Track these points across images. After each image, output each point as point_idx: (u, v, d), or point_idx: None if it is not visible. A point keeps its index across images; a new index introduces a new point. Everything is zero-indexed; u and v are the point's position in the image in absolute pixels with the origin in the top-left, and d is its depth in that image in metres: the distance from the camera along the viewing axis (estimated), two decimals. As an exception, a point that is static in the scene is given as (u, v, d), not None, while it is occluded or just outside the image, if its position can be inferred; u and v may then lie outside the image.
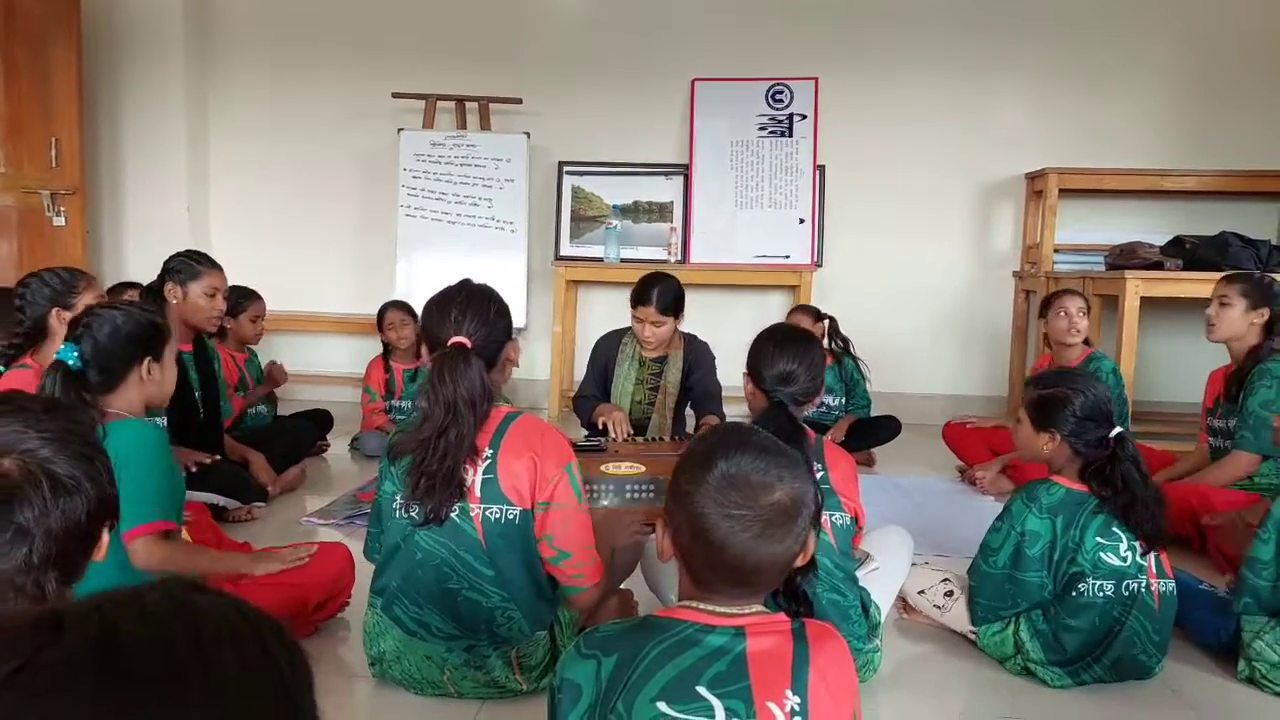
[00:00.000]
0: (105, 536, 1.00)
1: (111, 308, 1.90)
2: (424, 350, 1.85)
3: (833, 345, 3.97)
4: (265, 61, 5.15)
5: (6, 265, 4.50)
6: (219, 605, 0.52)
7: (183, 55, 4.96)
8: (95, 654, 0.46)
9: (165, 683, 0.46)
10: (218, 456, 2.90)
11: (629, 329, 3.40)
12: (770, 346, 1.88)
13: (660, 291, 3.20)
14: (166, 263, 2.95)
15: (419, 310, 3.99)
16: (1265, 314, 2.83)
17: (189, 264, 2.93)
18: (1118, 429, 1.92)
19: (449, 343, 1.71)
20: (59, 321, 2.37)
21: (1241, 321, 2.84)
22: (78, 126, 4.55)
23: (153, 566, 1.78)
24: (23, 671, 0.45)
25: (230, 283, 3.72)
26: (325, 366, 5.09)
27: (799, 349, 1.87)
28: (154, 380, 1.88)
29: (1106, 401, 1.94)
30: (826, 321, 3.95)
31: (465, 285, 1.82)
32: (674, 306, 3.22)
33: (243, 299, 3.61)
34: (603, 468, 2.79)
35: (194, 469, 2.72)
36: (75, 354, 1.77)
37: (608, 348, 3.44)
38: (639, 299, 3.22)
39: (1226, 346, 2.94)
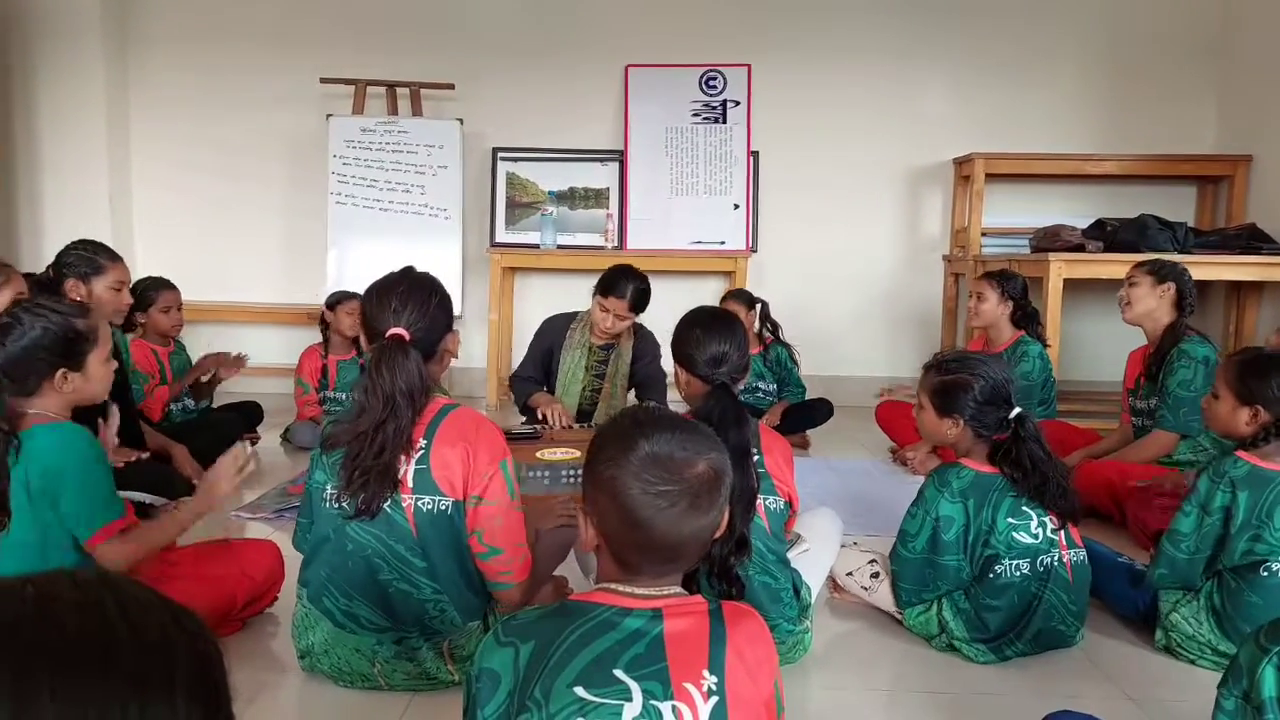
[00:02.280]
0: None
1: (32, 311, 1.80)
2: (363, 340, 1.82)
3: (762, 332, 4.00)
4: (188, 43, 4.98)
5: (-90, 257, 4.28)
6: (137, 585, 0.57)
7: (100, 35, 4.77)
8: (34, 614, 0.51)
9: (99, 640, 0.51)
10: (145, 454, 2.81)
11: (578, 314, 3.37)
12: (697, 331, 1.88)
13: (635, 290, 3.19)
14: (62, 256, 2.74)
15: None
16: (1171, 288, 2.94)
17: (90, 258, 2.73)
18: (1016, 410, 1.95)
19: (387, 335, 1.68)
20: None
21: (1150, 297, 2.96)
22: (-13, 111, 4.37)
23: (123, 563, 1.75)
24: None
25: (155, 273, 3.63)
26: (255, 358, 4.94)
27: (725, 328, 1.88)
28: (74, 389, 1.81)
29: (1005, 383, 1.97)
30: (759, 307, 3.98)
31: (406, 274, 1.78)
32: (642, 305, 3.23)
33: (152, 290, 3.45)
34: (538, 454, 2.79)
35: (121, 465, 2.63)
36: None
37: (554, 330, 3.41)
38: (611, 290, 3.18)
39: (1142, 328, 3.04)
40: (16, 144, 4.80)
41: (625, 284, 3.18)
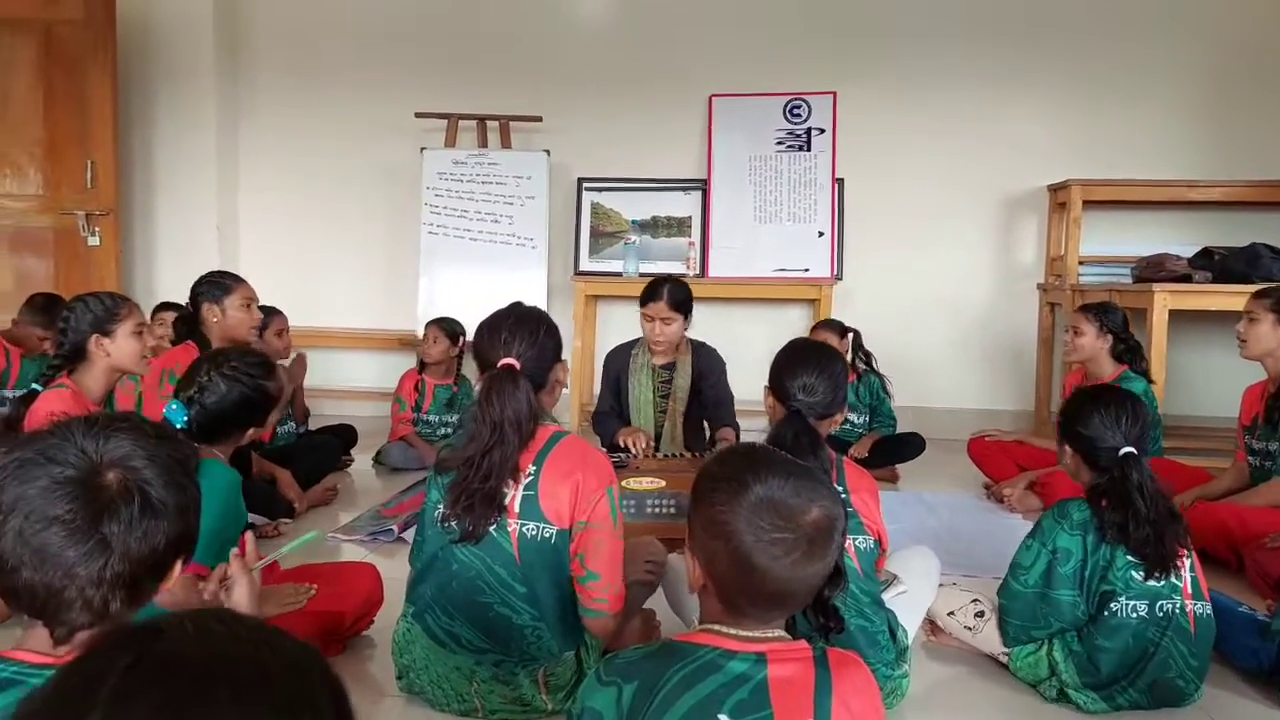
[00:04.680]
0: (177, 568, 1.01)
1: (227, 375, 1.95)
2: (475, 369, 1.88)
3: (855, 361, 3.94)
4: (292, 82, 5.23)
5: (42, 284, 4.58)
6: (263, 621, 0.64)
7: (214, 77, 5.04)
8: (199, 646, 0.57)
9: (258, 669, 0.56)
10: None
11: (638, 340, 3.42)
12: (790, 359, 1.89)
13: (670, 288, 3.25)
14: (195, 287, 3.06)
15: (460, 328, 4.07)
16: None
17: (217, 282, 3.05)
18: (1127, 449, 1.87)
19: (498, 364, 1.73)
20: (97, 347, 2.48)
21: (1271, 336, 2.79)
22: (113, 148, 4.64)
23: (170, 603, 1.79)
24: (140, 663, 0.55)
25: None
26: (349, 381, 5.13)
27: (819, 361, 1.86)
28: (248, 439, 2.00)
29: (1129, 424, 1.89)
30: (850, 336, 3.93)
31: (515, 308, 1.84)
32: (684, 304, 3.25)
33: (265, 315, 3.65)
34: (624, 483, 2.79)
35: None
36: (184, 418, 1.87)
37: (618, 361, 3.47)
38: (649, 296, 3.27)
39: (1262, 363, 2.88)
40: (134, 179, 5.10)
41: (659, 286, 3.26)
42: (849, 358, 3.96)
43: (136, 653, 0.55)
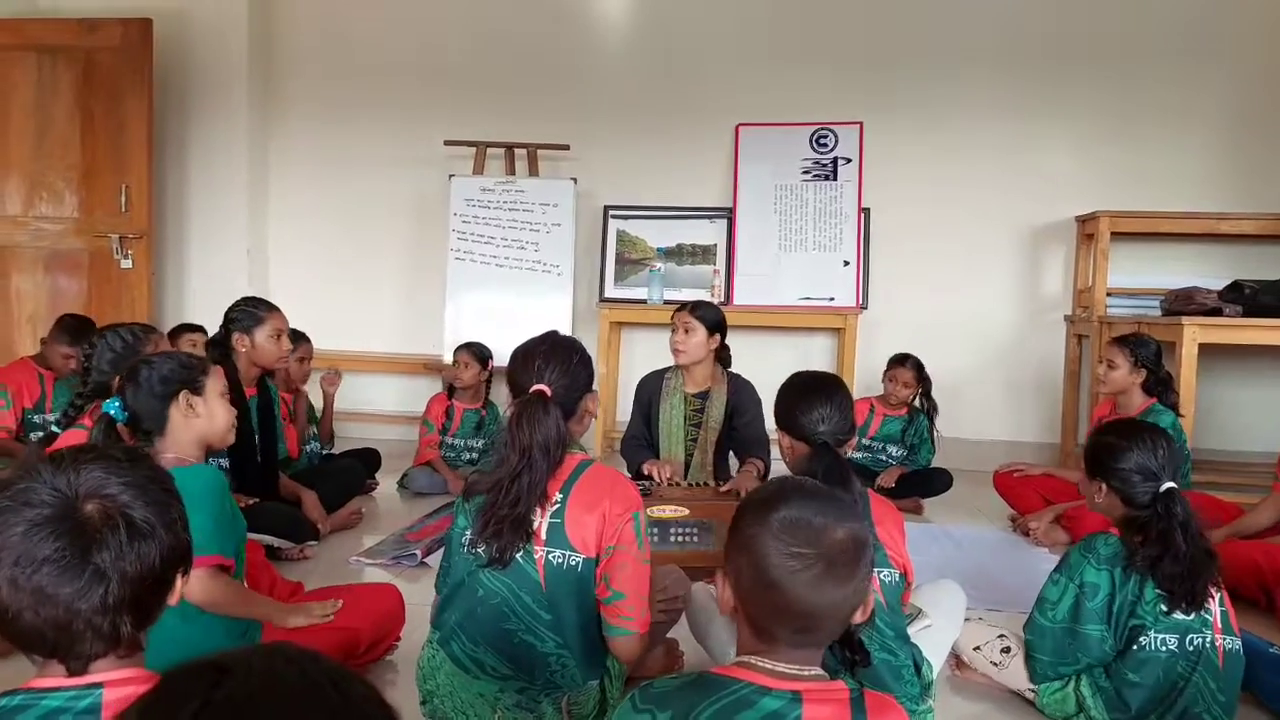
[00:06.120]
0: (179, 582, 1.02)
1: (152, 356, 1.96)
2: (507, 395, 1.89)
3: (921, 403, 3.96)
4: (323, 109, 5.32)
5: (74, 306, 4.67)
6: (326, 657, 0.64)
7: (246, 103, 5.14)
8: (265, 688, 0.58)
9: (324, 709, 0.58)
10: (255, 500, 2.90)
11: (672, 367, 3.44)
12: (802, 394, 1.90)
13: (699, 301, 3.40)
14: (228, 313, 3.04)
15: (488, 352, 4.15)
16: None
17: (250, 311, 3.03)
18: (1167, 485, 1.86)
19: (530, 390, 1.75)
20: None
21: None
22: (147, 173, 4.73)
23: (205, 600, 1.78)
24: (206, 708, 0.56)
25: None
26: (374, 405, 5.17)
27: (825, 389, 1.90)
28: (196, 415, 1.89)
29: (1164, 457, 1.89)
30: (923, 384, 3.95)
31: (550, 336, 1.87)
32: (708, 318, 3.31)
33: (292, 340, 3.69)
34: (647, 510, 2.79)
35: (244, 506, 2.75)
36: (117, 405, 1.85)
37: (650, 386, 3.48)
38: (679, 307, 3.37)
39: None
40: (167, 203, 5.19)
41: (690, 301, 3.41)
42: (914, 398, 3.96)
43: (204, 696, 0.56)
